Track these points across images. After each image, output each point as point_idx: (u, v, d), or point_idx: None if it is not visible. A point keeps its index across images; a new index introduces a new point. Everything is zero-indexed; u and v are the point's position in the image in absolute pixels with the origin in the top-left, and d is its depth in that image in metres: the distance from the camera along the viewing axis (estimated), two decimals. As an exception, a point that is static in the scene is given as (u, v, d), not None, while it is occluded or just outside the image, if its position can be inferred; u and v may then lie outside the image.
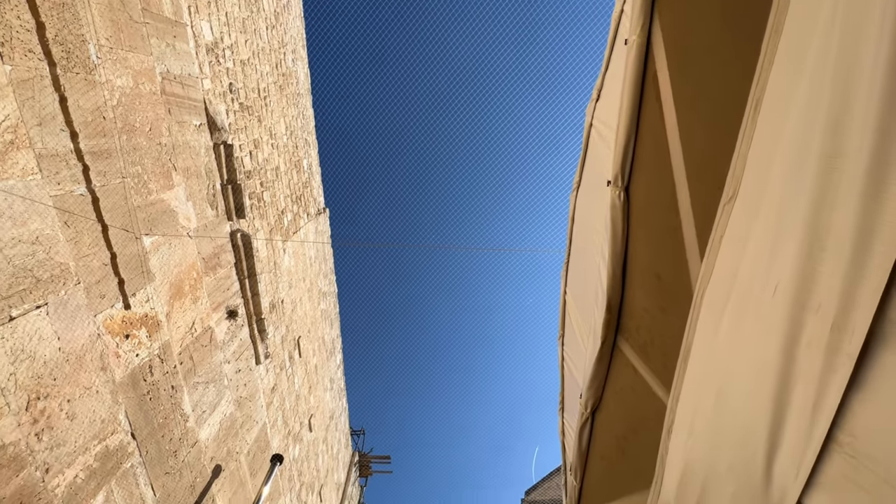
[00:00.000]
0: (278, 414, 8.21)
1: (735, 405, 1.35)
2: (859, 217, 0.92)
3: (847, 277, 0.95)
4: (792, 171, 1.08)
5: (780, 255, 1.14)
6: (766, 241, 1.20)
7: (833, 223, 0.98)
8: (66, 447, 3.50)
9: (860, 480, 0.98)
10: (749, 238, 1.28)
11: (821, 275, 1.03)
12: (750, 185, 1.29)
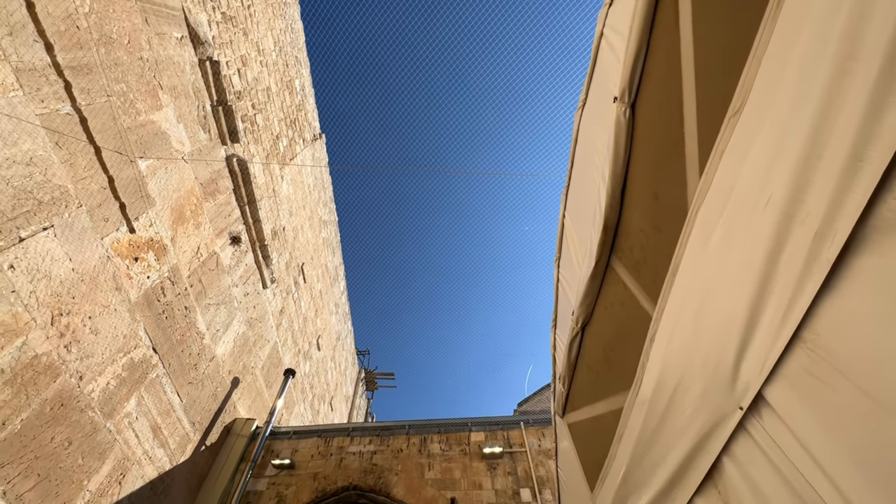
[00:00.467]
0: (288, 334, 8.73)
1: (714, 312, 1.45)
2: (862, 122, 0.92)
3: (838, 186, 0.97)
4: (804, 75, 1.05)
5: (778, 167, 1.15)
6: (766, 153, 1.20)
7: (835, 130, 0.98)
8: (95, 358, 3.78)
9: (816, 371, 1.09)
10: (749, 152, 1.28)
11: (813, 185, 1.05)
12: (758, 97, 1.26)
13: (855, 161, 0.94)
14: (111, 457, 3.99)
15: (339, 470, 5.69)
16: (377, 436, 6.11)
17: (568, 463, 3.28)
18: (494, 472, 5.53)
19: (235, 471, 5.71)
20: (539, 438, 5.94)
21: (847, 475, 1.04)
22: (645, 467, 2.00)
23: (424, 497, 5.31)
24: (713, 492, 1.59)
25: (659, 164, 1.83)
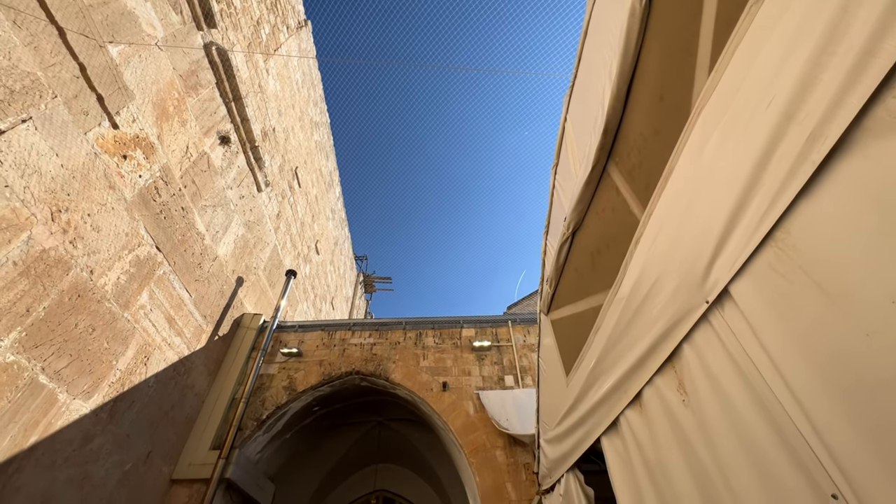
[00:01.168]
0: (286, 238, 8.92)
1: (698, 215, 1.51)
2: (882, 16, 0.87)
3: (843, 83, 0.96)
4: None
5: (789, 63, 1.11)
6: (781, 47, 1.14)
7: (855, 22, 0.93)
8: (101, 255, 3.91)
9: (780, 267, 1.19)
10: (763, 48, 1.22)
11: (819, 83, 1.02)
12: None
13: (867, 56, 0.91)
14: (133, 342, 4.37)
15: (343, 358, 6.31)
16: (376, 330, 6.65)
17: (548, 354, 3.65)
18: (482, 362, 6.17)
19: (248, 357, 6.31)
20: (524, 335, 6.51)
21: (791, 361, 1.20)
22: (615, 354, 2.25)
23: (419, 381, 5.99)
24: (671, 372, 1.83)
25: (669, 62, 1.73)
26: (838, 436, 1.03)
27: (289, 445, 6.68)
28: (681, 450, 1.72)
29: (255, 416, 5.69)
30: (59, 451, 3.56)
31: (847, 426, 1.01)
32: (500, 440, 5.21)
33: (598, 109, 2.30)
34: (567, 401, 3.09)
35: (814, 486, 1.11)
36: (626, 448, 2.26)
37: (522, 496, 4.74)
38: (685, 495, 1.70)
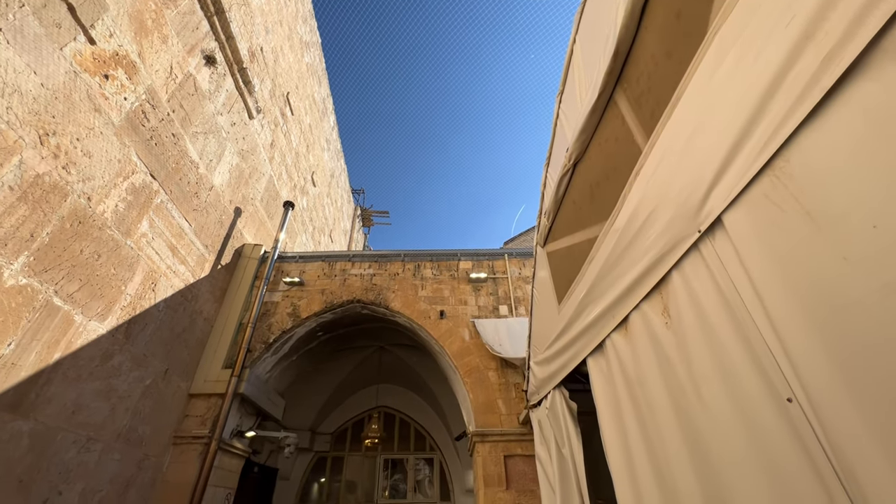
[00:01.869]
0: (281, 168, 8.74)
1: (702, 143, 1.50)
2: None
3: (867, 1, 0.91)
4: None
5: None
6: (810, -43, 1.06)
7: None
8: (96, 181, 3.86)
9: (774, 196, 1.22)
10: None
11: (841, 1, 0.97)
12: None
13: (898, -33, 0.86)
14: (139, 269, 4.49)
15: (344, 287, 6.53)
16: (375, 261, 6.81)
17: (542, 285, 3.80)
18: (478, 292, 6.42)
19: (252, 286, 6.51)
20: (520, 268, 6.70)
21: (770, 285, 1.27)
22: (607, 282, 2.36)
23: (418, 310, 6.28)
24: (657, 298, 1.94)
25: (691, -27, 1.60)
26: (801, 349, 1.13)
27: (296, 366, 7.15)
28: (659, 366, 1.88)
29: (263, 340, 6.03)
30: (83, 367, 3.82)
31: (811, 341, 1.11)
32: (493, 363, 5.60)
33: (609, 29, 2.16)
34: (557, 327, 3.29)
35: (772, 391, 1.24)
36: (609, 367, 2.46)
37: (512, 411, 5.22)
38: (659, 405, 1.89)
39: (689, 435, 1.66)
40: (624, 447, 2.27)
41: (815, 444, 1.12)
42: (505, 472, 4.78)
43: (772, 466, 1.26)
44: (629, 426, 2.21)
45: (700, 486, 1.61)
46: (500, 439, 4.98)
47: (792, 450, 1.18)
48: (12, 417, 3.19)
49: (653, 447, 1.98)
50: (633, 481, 2.19)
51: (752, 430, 1.34)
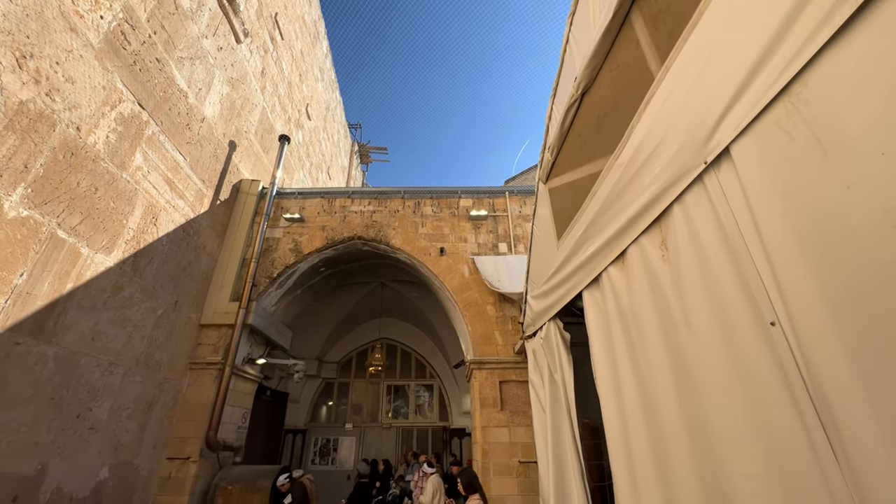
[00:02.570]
0: (274, 100, 8.34)
1: (718, 67, 1.43)
2: None
3: None
4: None
5: None
6: None
7: None
8: (83, 110, 3.71)
9: (786, 123, 1.19)
10: None
11: None
12: None
13: None
14: (139, 203, 4.46)
15: (344, 224, 6.56)
16: (375, 198, 6.76)
17: (542, 222, 3.82)
18: (478, 230, 6.46)
19: (252, 222, 6.53)
20: (520, 206, 6.68)
21: (770, 214, 1.28)
22: (607, 217, 2.37)
23: (418, 246, 6.36)
24: (656, 231, 1.96)
25: None
26: (792, 276, 1.18)
27: (300, 300, 7.41)
28: (653, 297, 1.96)
29: (267, 275, 6.17)
30: (96, 298, 3.96)
31: (802, 268, 1.15)
32: (491, 297, 5.80)
33: (631, -64, 1.95)
34: (556, 262, 3.36)
35: (757, 316, 1.31)
36: (603, 299, 2.56)
37: (508, 342, 5.51)
38: (649, 332, 2.00)
39: (675, 359, 1.78)
40: (613, 371, 2.44)
41: (792, 367, 1.21)
42: (500, 395, 5.16)
43: (749, 387, 1.37)
44: (619, 352, 2.35)
45: (681, 406, 1.75)
46: (497, 367, 5.32)
47: (770, 371, 1.28)
48: (35, 343, 3.36)
49: (639, 370, 2.12)
50: (618, 401, 2.38)
51: (734, 354, 1.43)
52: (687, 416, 1.69)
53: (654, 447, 1.97)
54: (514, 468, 4.77)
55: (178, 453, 4.94)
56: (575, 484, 3.20)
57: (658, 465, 1.93)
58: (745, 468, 1.36)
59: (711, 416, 1.53)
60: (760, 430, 1.30)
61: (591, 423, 4.17)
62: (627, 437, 2.26)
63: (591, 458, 3.80)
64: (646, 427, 2.04)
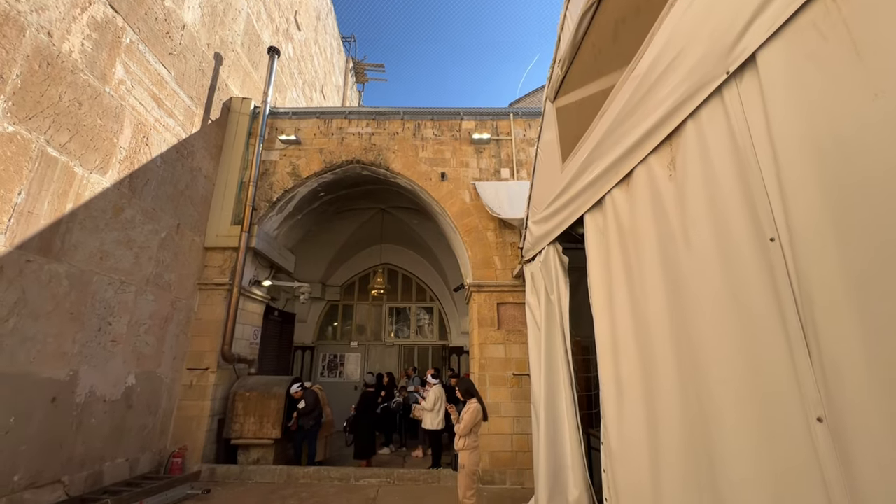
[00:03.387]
0: (259, 5, 7.57)
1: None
2: None
3: None
4: None
5: None
6: None
7: None
8: (51, 12, 3.39)
9: (822, 23, 1.10)
10: None
11: None
12: None
13: None
14: (127, 121, 4.28)
15: (342, 147, 6.35)
16: (373, 119, 6.46)
17: (548, 146, 3.70)
18: (480, 154, 6.28)
19: (247, 144, 6.31)
20: (525, 129, 6.41)
21: (790, 127, 1.23)
22: (616, 136, 2.29)
23: (418, 171, 6.23)
24: (666, 150, 1.91)
25: None
26: (800, 190, 1.17)
27: (301, 225, 7.44)
28: (654, 217, 1.97)
29: (266, 199, 6.13)
30: (98, 218, 3.97)
31: (813, 183, 1.13)
32: (492, 223, 5.83)
33: None
34: (559, 186, 3.32)
35: (758, 231, 1.33)
36: (605, 221, 2.57)
37: (507, 266, 5.65)
38: (647, 250, 2.04)
39: (670, 277, 1.84)
40: (608, 291, 2.54)
41: (784, 283, 1.25)
42: (497, 315, 5.43)
43: (741, 302, 1.42)
44: (615, 273, 2.42)
45: (671, 321, 1.85)
46: (495, 290, 5.52)
47: (763, 287, 1.32)
48: (46, 261, 3.44)
49: (634, 289, 2.21)
50: (611, 319, 2.51)
51: (729, 270, 1.47)
52: (675, 330, 1.79)
53: (641, 358, 2.12)
54: (508, 380, 5.18)
55: (197, 364, 5.32)
56: (564, 391, 3.50)
57: (644, 375, 2.09)
58: (723, 374, 1.48)
59: (699, 330, 1.62)
60: (745, 340, 1.39)
61: (582, 342, 4.44)
62: (617, 352, 2.42)
63: (580, 371, 4.11)
64: (635, 341, 2.18)
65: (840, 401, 1.06)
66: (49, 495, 3.48)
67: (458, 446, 3.34)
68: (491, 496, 4.38)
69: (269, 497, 4.31)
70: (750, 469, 1.35)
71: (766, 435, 1.28)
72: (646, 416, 2.05)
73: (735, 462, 1.41)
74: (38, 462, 3.39)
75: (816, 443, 1.11)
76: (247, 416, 5.36)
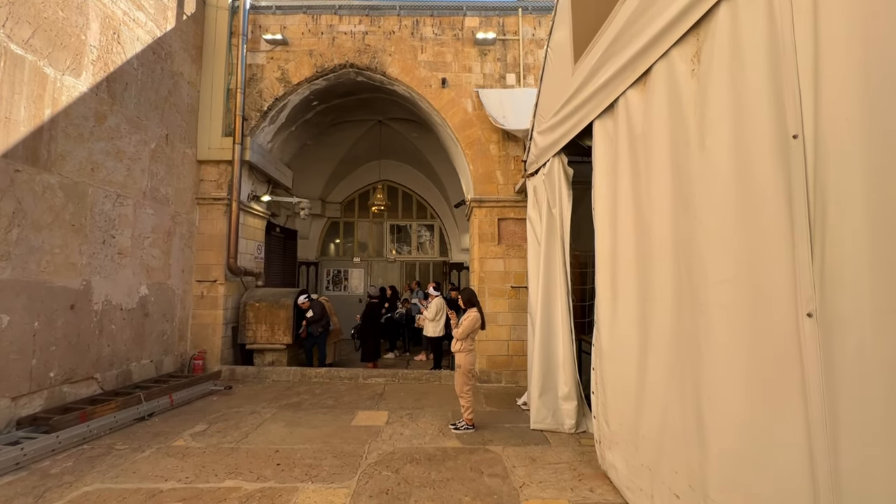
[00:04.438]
0: None
1: None
2: None
3: None
4: None
5: None
6: None
7: None
8: None
9: None
10: None
11: None
12: None
13: None
14: (91, 14, 3.85)
15: (333, 48, 5.80)
16: (367, 15, 5.81)
17: (559, 46, 3.36)
18: (485, 58, 5.76)
19: (229, 44, 5.76)
20: (534, 27, 5.79)
21: (839, 17, 1.08)
22: (638, 27, 2.05)
23: (417, 77, 5.78)
24: (692, 41, 1.72)
25: None
26: (839, 76, 1.07)
27: (296, 138, 7.13)
28: (669, 118, 1.85)
29: (257, 108, 5.77)
30: (81, 126, 3.77)
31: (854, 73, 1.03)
32: (495, 135, 5.57)
33: None
34: (568, 91, 3.09)
35: (781, 127, 1.25)
36: (615, 127, 2.43)
37: (509, 181, 5.53)
38: (657, 156, 1.95)
39: (679, 183, 1.78)
40: (612, 200, 2.49)
41: (800, 182, 1.19)
42: (498, 231, 5.46)
43: (749, 203, 1.38)
44: (621, 182, 2.36)
45: (674, 224, 1.83)
46: (496, 205, 5.47)
47: (775, 187, 1.27)
48: (36, 171, 3.35)
49: (639, 198, 2.16)
50: (613, 228, 2.50)
51: (743, 171, 1.41)
52: (678, 234, 1.79)
53: (639, 263, 2.15)
54: (507, 292, 5.38)
55: (205, 276, 5.49)
56: (560, 300, 3.65)
57: (640, 280, 2.14)
58: (721, 275, 1.50)
59: (702, 234, 1.61)
60: (748, 241, 1.38)
61: (581, 256, 4.51)
62: (616, 259, 2.46)
63: (576, 283, 4.24)
64: (635, 248, 2.20)
65: (834, 296, 1.08)
66: (85, 389, 3.83)
67: (454, 348, 3.57)
68: (488, 392, 4.83)
69: (285, 393, 4.75)
70: (734, 362, 1.44)
71: (755, 330, 1.34)
72: (638, 318, 2.15)
73: (721, 356, 1.50)
74: (70, 361, 3.66)
75: (802, 336, 1.17)
76: (258, 323, 5.68)
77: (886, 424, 0.97)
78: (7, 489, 2.44)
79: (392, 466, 2.78)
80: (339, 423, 3.67)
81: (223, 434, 3.38)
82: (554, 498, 2.37)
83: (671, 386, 1.83)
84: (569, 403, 3.49)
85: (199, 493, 2.41)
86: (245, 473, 2.66)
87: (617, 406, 2.43)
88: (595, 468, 2.73)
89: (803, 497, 1.14)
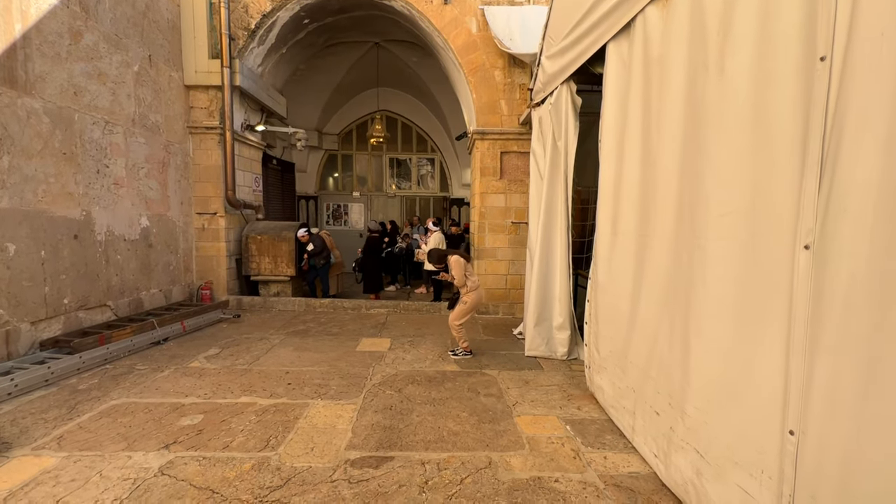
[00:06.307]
0: None
1: None
2: None
3: None
4: None
5: None
6: None
7: None
8: None
9: None
10: None
11: None
12: None
13: None
14: None
15: (324, -44, 5.21)
16: (360, -85, 5.14)
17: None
18: (492, -31, 5.19)
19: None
20: (549, -68, 5.15)
21: None
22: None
23: (417, -8, 5.26)
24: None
25: None
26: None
27: (288, 61, 6.67)
28: (689, 40, 1.72)
29: (244, 26, 5.33)
30: (58, 44, 3.51)
31: None
32: (500, 60, 5.21)
33: None
34: (582, 8, 2.83)
35: (809, 49, 1.16)
36: (630, 49, 2.26)
37: (513, 112, 5.28)
38: (673, 83, 1.84)
39: (692, 112, 1.70)
40: (620, 130, 2.40)
41: (819, 108, 1.14)
42: (500, 165, 5.33)
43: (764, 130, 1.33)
44: (632, 111, 2.25)
45: (682, 154, 1.78)
46: (499, 137, 5.28)
47: (793, 112, 1.22)
48: (17, 94, 3.18)
49: (649, 128, 2.08)
50: (619, 160, 2.44)
51: (761, 95, 1.34)
52: (685, 166, 1.74)
53: (642, 196, 2.13)
54: (507, 227, 5.39)
55: (205, 209, 5.46)
56: (560, 235, 3.68)
57: (642, 212, 2.13)
58: (725, 207, 1.49)
59: (709, 166, 1.57)
60: (756, 169, 1.35)
61: (583, 192, 4.45)
62: (619, 193, 2.43)
63: (577, 219, 4.23)
64: (640, 181, 2.16)
65: (836, 228, 1.09)
66: (100, 316, 4.00)
67: (465, 298, 3.67)
68: (486, 323, 5.05)
69: (292, 321, 4.96)
70: (724, 295, 1.48)
71: (750, 261, 1.36)
72: (636, 252, 2.18)
73: (712, 289, 1.54)
74: (82, 288, 3.78)
75: (796, 269, 1.19)
76: (261, 256, 5.77)
77: (862, 341, 1.03)
78: (41, 402, 2.65)
79: (395, 387, 3.00)
80: (345, 349, 3.89)
81: (235, 357, 3.59)
82: (544, 414, 2.59)
83: (662, 318, 1.91)
84: (562, 333, 3.66)
85: (218, 406, 2.62)
86: (259, 391, 2.87)
87: (608, 335, 2.55)
88: (583, 390, 2.94)
89: (774, 407, 1.24)
